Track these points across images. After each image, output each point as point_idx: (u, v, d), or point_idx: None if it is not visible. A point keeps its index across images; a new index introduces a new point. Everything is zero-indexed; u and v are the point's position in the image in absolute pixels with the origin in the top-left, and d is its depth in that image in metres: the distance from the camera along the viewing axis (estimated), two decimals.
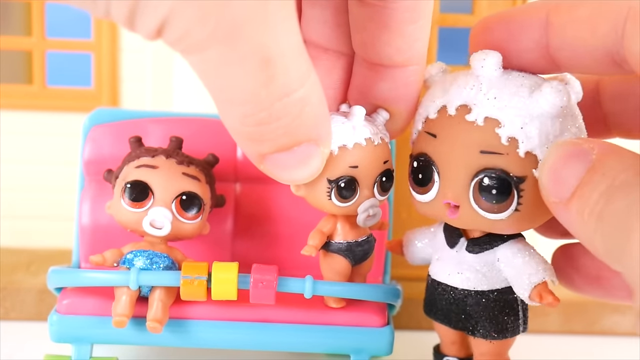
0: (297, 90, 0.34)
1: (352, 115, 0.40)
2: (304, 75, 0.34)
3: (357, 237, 0.44)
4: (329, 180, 0.40)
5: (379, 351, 0.45)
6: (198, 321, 0.44)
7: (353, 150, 0.40)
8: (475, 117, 0.38)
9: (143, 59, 0.60)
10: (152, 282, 0.43)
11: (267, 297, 0.42)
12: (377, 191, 0.42)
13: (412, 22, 0.38)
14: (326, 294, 0.44)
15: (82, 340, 0.45)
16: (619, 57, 0.36)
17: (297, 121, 0.35)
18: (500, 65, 0.39)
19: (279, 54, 0.32)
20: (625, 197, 0.31)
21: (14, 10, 0.66)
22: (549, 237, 0.45)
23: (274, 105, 0.33)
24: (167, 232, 0.45)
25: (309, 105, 0.35)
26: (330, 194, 0.41)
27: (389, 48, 0.39)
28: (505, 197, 0.38)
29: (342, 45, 0.42)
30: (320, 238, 0.43)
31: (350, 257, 0.44)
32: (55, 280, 0.46)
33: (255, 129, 0.34)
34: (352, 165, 0.40)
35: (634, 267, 0.30)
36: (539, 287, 0.40)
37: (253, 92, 0.33)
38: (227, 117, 0.35)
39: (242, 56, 0.32)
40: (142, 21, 0.31)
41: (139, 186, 0.45)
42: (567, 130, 0.38)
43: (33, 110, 0.61)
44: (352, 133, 0.40)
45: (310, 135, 0.36)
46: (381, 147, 0.41)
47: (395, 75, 0.41)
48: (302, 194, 0.42)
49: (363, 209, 0.42)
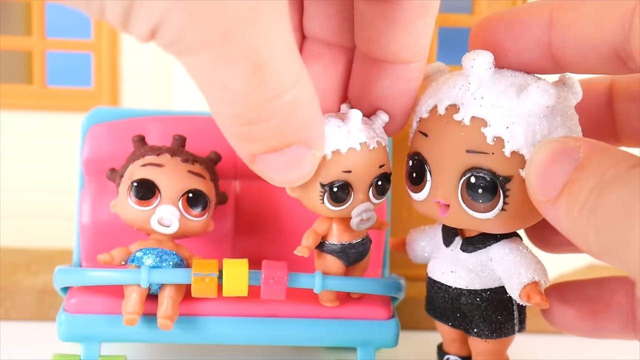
0: (288, 92, 0.34)
1: (349, 120, 0.41)
2: (295, 77, 0.34)
3: (352, 239, 0.44)
4: (321, 185, 0.41)
5: (385, 343, 0.46)
6: (207, 317, 0.45)
7: (347, 154, 0.40)
8: (462, 116, 0.38)
9: (143, 59, 0.60)
10: (163, 280, 0.43)
11: (278, 293, 0.43)
12: (373, 195, 0.42)
13: (420, 18, 0.39)
14: (334, 288, 0.44)
15: (91, 339, 0.45)
16: (624, 54, 0.36)
17: (287, 122, 0.35)
18: (492, 65, 0.39)
19: (270, 57, 0.33)
20: (618, 190, 0.31)
21: (14, 10, 0.66)
22: (547, 250, 0.45)
23: (264, 107, 0.34)
24: (175, 229, 0.45)
25: (300, 107, 0.35)
26: (323, 198, 0.41)
27: (395, 44, 0.40)
28: (491, 196, 0.38)
29: (346, 40, 0.42)
30: (314, 239, 0.44)
31: (344, 259, 0.44)
32: (64, 279, 0.46)
33: (244, 128, 0.35)
34: (346, 170, 0.41)
35: (635, 258, 0.30)
36: (528, 287, 0.40)
37: (244, 94, 0.33)
38: (218, 116, 0.35)
39: (233, 59, 0.32)
40: (136, 23, 0.31)
41: (145, 184, 0.45)
42: (556, 130, 0.38)
43: (33, 110, 0.61)
44: (347, 137, 0.40)
45: (301, 137, 0.36)
46: (377, 152, 0.41)
47: (397, 71, 0.41)
48: (296, 196, 0.42)
49: (357, 213, 0.42)
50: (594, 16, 0.37)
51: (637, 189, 0.31)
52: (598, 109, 0.43)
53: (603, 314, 0.42)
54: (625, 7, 0.35)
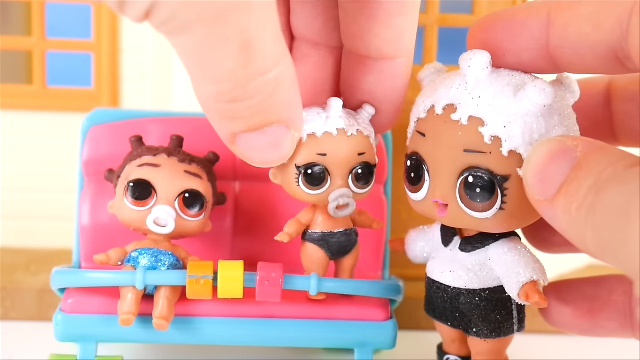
0: (272, 70, 0.35)
1: (329, 107, 0.42)
2: (279, 57, 0.35)
3: (333, 229, 0.44)
4: (297, 167, 0.41)
5: (383, 345, 0.46)
6: (203, 318, 0.45)
7: (322, 137, 0.41)
8: (460, 116, 0.38)
9: (143, 58, 0.60)
10: (158, 282, 0.43)
11: (273, 295, 0.43)
12: (352, 183, 0.42)
13: (399, 15, 0.39)
14: (331, 291, 0.44)
15: (88, 339, 0.45)
16: (622, 54, 0.36)
17: (269, 100, 0.36)
18: (489, 65, 0.39)
19: (259, 38, 0.34)
20: (616, 189, 0.31)
21: (14, 10, 0.66)
22: (545, 250, 0.45)
23: (249, 84, 0.35)
24: (171, 230, 0.45)
25: (282, 85, 0.36)
26: (298, 180, 0.42)
27: (377, 40, 0.40)
28: (488, 195, 0.38)
29: (334, 40, 0.43)
30: (296, 227, 0.44)
31: (326, 248, 0.45)
32: (61, 281, 0.46)
33: (228, 106, 0.36)
34: (320, 153, 0.41)
35: (633, 257, 0.30)
36: (527, 286, 0.40)
37: (231, 71, 0.34)
38: (201, 93, 0.36)
39: (224, 39, 0.33)
40: (132, 4, 0.32)
41: (142, 185, 0.45)
42: (553, 129, 0.38)
43: (33, 110, 0.60)
44: (324, 122, 0.41)
45: (281, 116, 0.37)
46: (356, 139, 0.42)
47: (382, 68, 0.41)
48: (278, 182, 0.43)
49: (333, 198, 0.42)
50: (592, 16, 0.36)
51: (635, 188, 0.31)
52: (596, 109, 0.43)
53: (601, 313, 0.42)
54: (623, 7, 0.35)
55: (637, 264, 0.30)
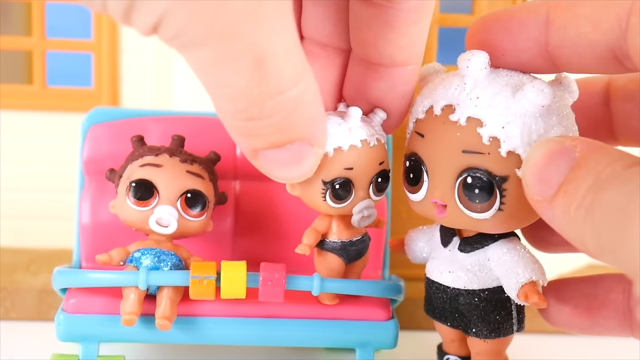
0: (291, 89, 0.34)
1: (349, 117, 0.41)
2: (298, 74, 0.34)
3: (352, 237, 0.44)
4: (323, 182, 0.41)
5: (384, 344, 0.46)
6: (205, 318, 0.45)
7: (348, 152, 0.41)
8: (458, 117, 0.38)
9: (143, 59, 0.60)
10: (161, 282, 0.44)
11: (276, 295, 0.43)
12: (373, 192, 0.42)
13: (415, 23, 0.39)
14: (333, 291, 0.44)
15: (90, 339, 0.45)
16: (621, 53, 0.36)
17: (289, 119, 0.35)
18: (487, 65, 0.39)
19: (272, 54, 0.32)
20: (615, 188, 0.31)
21: (14, 10, 0.66)
22: (544, 250, 0.45)
23: (266, 103, 0.34)
24: (174, 230, 0.45)
25: (303, 103, 0.35)
26: (325, 195, 0.41)
27: (391, 47, 0.40)
28: (487, 196, 0.38)
29: (342, 42, 0.42)
30: (314, 237, 0.44)
31: (344, 256, 0.44)
32: (63, 281, 0.46)
33: (246, 123, 0.35)
34: (347, 167, 0.41)
35: (632, 256, 0.30)
36: (526, 286, 0.40)
37: (245, 90, 0.33)
38: (220, 111, 0.35)
39: (235, 55, 0.32)
40: (138, 18, 0.31)
41: (144, 185, 0.45)
42: (552, 129, 0.38)
43: (33, 110, 0.61)
44: (348, 135, 0.40)
45: (304, 133, 0.36)
46: (377, 149, 0.42)
47: (393, 74, 0.41)
48: (297, 194, 0.42)
49: (358, 210, 0.42)
50: (591, 16, 0.36)
51: (634, 188, 0.31)
52: (595, 109, 0.43)
53: (599, 311, 0.42)
54: (622, 7, 0.35)
55: (636, 263, 0.30)
